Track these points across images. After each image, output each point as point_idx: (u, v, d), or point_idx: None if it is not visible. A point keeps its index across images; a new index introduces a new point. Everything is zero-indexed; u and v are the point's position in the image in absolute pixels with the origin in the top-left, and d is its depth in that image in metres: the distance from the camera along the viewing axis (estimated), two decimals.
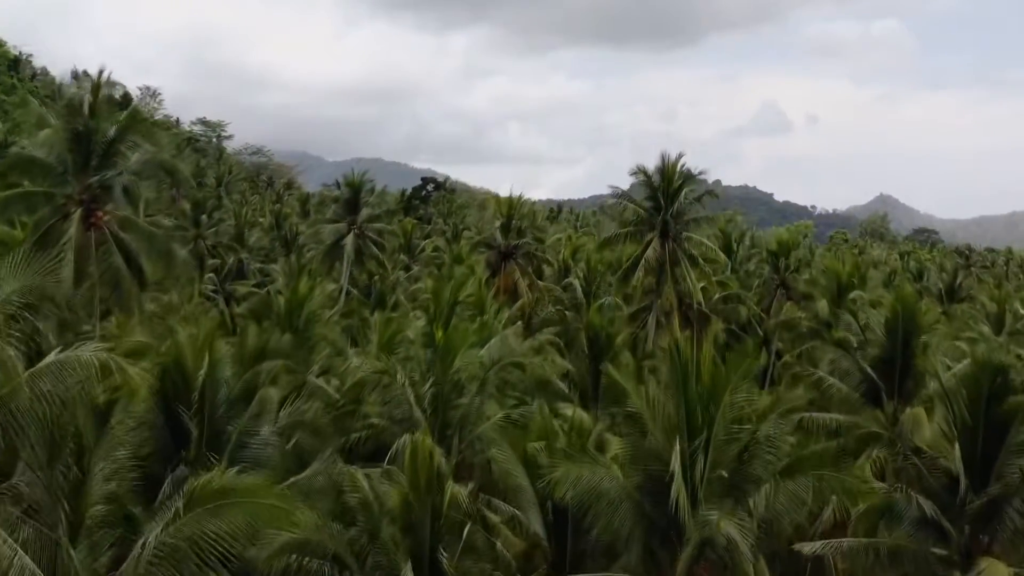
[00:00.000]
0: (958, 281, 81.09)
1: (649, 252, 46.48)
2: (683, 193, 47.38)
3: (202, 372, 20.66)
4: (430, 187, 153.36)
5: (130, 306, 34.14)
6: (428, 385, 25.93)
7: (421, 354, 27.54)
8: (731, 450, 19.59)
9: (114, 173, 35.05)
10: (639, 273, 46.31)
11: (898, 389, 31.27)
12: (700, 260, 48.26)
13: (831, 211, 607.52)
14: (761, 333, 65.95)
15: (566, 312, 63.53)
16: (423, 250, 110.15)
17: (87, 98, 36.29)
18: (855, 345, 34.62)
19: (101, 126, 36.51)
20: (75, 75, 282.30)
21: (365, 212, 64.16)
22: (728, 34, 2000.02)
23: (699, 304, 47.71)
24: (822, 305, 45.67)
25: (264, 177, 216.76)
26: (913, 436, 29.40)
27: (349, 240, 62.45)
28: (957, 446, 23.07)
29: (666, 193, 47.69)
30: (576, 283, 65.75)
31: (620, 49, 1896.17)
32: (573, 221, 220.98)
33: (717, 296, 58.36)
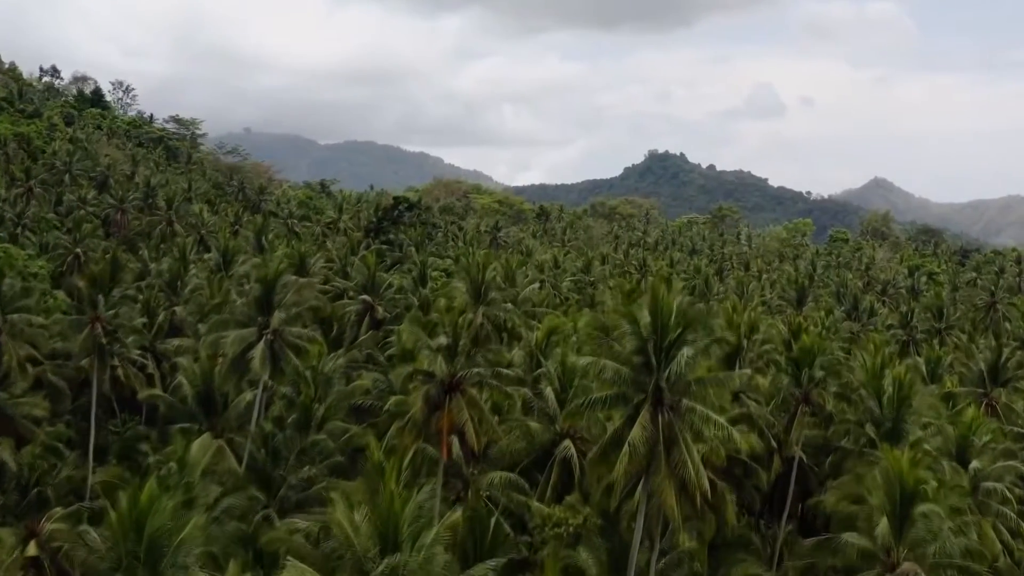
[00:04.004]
0: (1002, 359, 68.79)
1: (636, 431, 33.85)
2: (683, 352, 34.38)
3: None
4: (402, 207, 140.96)
5: None
6: None
7: None
8: None
9: None
10: (622, 462, 33.71)
11: None
12: (707, 431, 35.28)
13: (826, 196, 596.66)
14: (776, 446, 54.04)
15: (531, 430, 51.32)
16: (389, 286, 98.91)
17: None
18: None
19: None
20: (43, 71, 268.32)
21: (279, 316, 50.92)
22: (722, 15, 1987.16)
23: (704, 493, 35.04)
24: (883, 528, 33.31)
25: (235, 182, 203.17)
26: None
27: (258, 353, 49.21)
28: None
29: (659, 347, 35.12)
30: (548, 391, 53.48)
31: (613, 31, 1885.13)
32: (561, 232, 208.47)
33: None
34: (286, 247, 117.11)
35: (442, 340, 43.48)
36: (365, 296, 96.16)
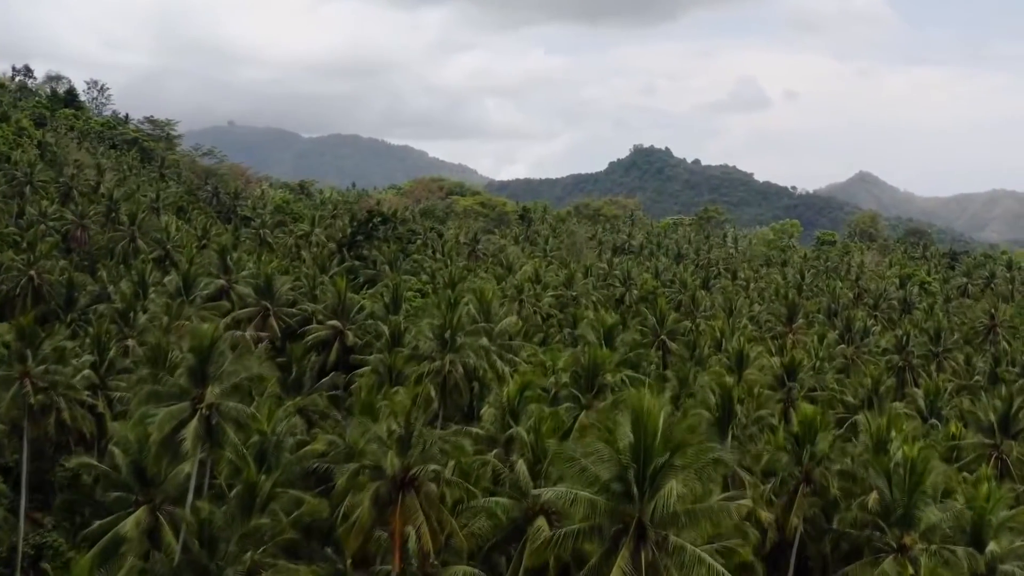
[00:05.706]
0: (1013, 408, 63.89)
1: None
2: (671, 486, 28.80)
3: None
4: (376, 219, 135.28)
5: None
6: None
7: None
8: None
9: None
10: None
11: None
12: (698, 573, 29.64)
13: (811, 191, 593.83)
14: (773, 520, 49.01)
15: (500, 507, 45.95)
16: (360, 309, 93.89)
17: None
18: None
19: None
20: (16, 71, 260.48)
21: (214, 389, 44.98)
22: (707, 8, 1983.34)
23: None
24: None
25: (209, 186, 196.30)
26: None
27: (190, 432, 43.33)
28: None
29: (642, 474, 29.73)
30: (520, 463, 48.13)
31: (599, 24, 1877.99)
32: (544, 242, 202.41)
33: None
34: (255, 263, 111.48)
35: (394, 428, 38.03)
36: (334, 321, 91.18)
